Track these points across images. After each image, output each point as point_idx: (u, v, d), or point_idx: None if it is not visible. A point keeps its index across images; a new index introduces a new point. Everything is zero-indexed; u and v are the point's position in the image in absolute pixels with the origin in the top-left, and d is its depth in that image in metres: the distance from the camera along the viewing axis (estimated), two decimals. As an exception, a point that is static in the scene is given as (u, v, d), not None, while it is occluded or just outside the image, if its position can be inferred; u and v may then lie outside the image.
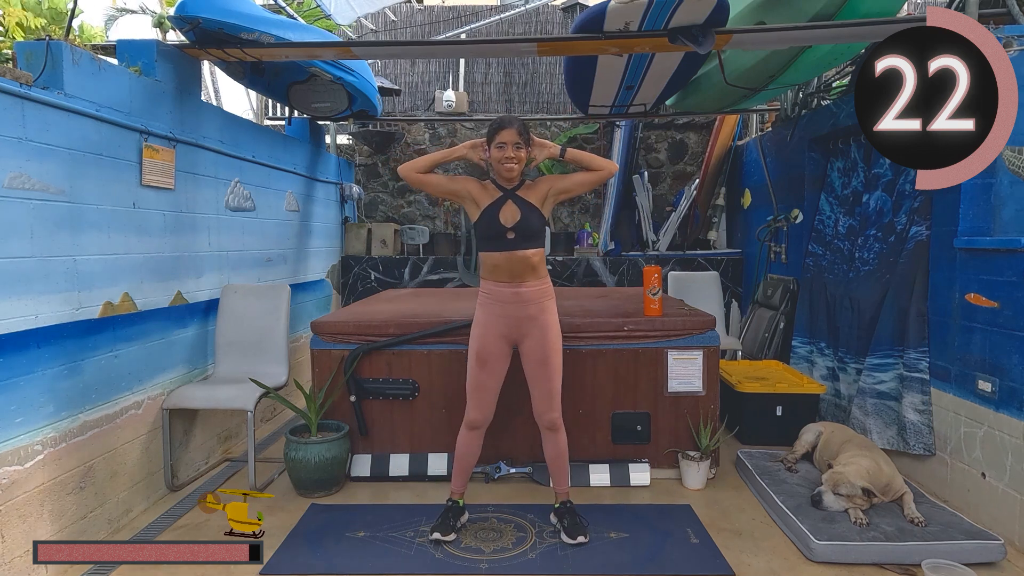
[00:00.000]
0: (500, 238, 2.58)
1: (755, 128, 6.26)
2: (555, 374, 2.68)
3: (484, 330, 2.66)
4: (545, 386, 2.67)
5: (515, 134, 2.57)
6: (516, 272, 2.60)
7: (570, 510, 2.74)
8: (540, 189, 2.67)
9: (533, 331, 2.64)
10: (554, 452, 2.74)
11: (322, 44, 3.69)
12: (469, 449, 2.75)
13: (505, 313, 2.62)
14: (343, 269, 6.09)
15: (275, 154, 4.60)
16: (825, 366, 4.13)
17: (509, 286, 2.61)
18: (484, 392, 2.69)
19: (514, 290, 2.61)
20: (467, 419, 2.72)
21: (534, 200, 2.64)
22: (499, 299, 2.63)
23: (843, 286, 4.01)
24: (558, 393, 2.70)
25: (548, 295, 2.68)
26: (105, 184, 2.80)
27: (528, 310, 2.62)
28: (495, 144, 2.60)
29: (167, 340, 3.26)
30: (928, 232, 3.27)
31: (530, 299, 2.62)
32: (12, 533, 2.27)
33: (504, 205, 2.60)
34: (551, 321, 2.67)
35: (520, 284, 2.61)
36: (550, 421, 2.70)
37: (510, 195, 2.63)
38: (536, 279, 2.63)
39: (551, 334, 2.66)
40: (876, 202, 3.84)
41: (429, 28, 7.36)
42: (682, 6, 2.82)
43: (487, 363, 2.66)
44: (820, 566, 2.47)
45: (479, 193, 2.65)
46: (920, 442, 3.19)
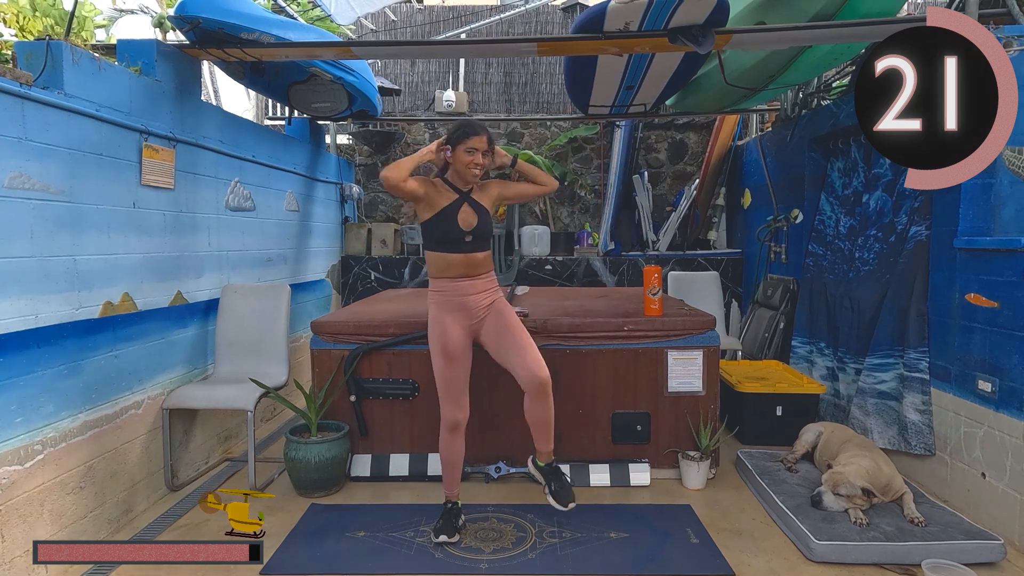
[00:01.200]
0: (458, 241, 2.63)
1: (755, 128, 6.26)
2: (522, 333, 2.67)
3: (444, 327, 2.66)
4: (518, 344, 2.64)
5: (485, 142, 2.62)
6: (469, 271, 2.67)
7: (556, 472, 2.69)
8: (491, 193, 2.75)
9: (489, 315, 2.70)
10: (541, 415, 2.63)
11: (322, 44, 3.69)
12: (454, 452, 2.73)
13: (464, 305, 2.66)
14: (343, 269, 6.09)
15: (275, 154, 4.60)
16: (825, 366, 4.13)
17: (465, 280, 2.67)
18: (456, 388, 2.68)
19: (471, 282, 2.67)
20: (446, 421, 2.69)
21: (487, 203, 2.71)
22: (456, 293, 2.66)
23: (843, 286, 4.01)
24: (535, 348, 2.65)
25: (495, 283, 2.78)
26: (105, 184, 2.80)
27: (484, 299, 2.69)
28: (465, 147, 2.60)
29: (167, 340, 3.26)
30: (928, 232, 3.27)
31: (485, 288, 2.70)
32: (12, 533, 2.27)
33: (461, 208, 2.64)
34: (502, 300, 2.76)
35: (475, 277, 2.68)
36: (544, 379, 2.57)
37: (466, 198, 2.67)
38: (487, 271, 2.73)
39: (505, 307, 2.73)
40: (876, 202, 3.83)
41: (429, 28, 7.36)
42: (682, 6, 2.82)
43: (455, 358, 2.66)
44: (820, 566, 2.47)
45: (434, 194, 2.65)
46: (921, 442, 3.19)
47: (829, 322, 4.14)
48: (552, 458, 2.74)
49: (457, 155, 2.62)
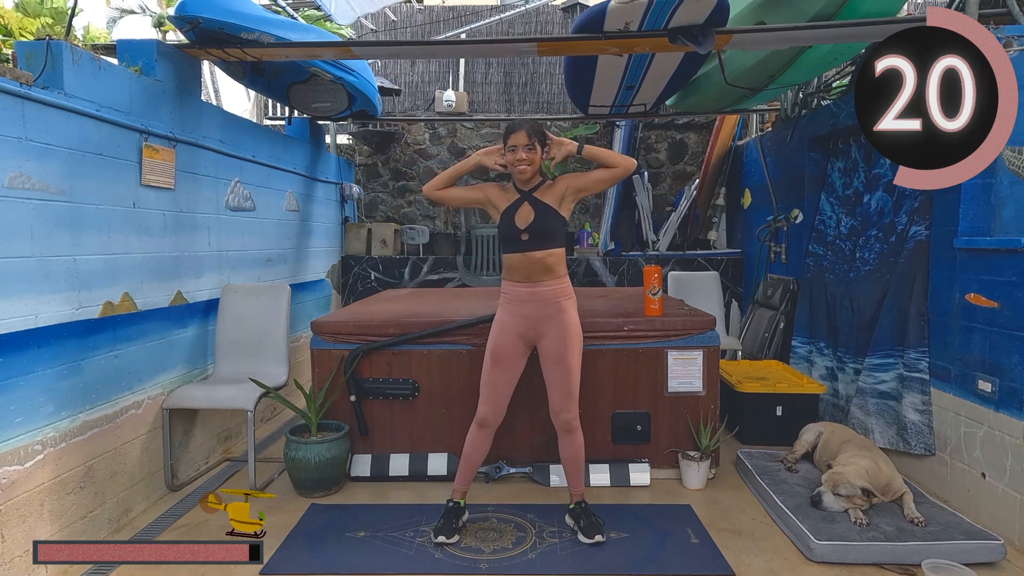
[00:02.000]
0: (515, 239, 2.62)
1: (755, 128, 6.26)
2: (571, 374, 2.66)
3: (501, 328, 2.68)
4: (561, 385, 2.66)
5: (524, 136, 2.59)
6: (531, 273, 2.62)
7: (585, 510, 2.72)
8: (557, 189, 2.67)
9: (551, 330, 2.64)
10: (569, 453, 2.73)
11: (322, 44, 3.69)
12: (477, 448, 2.74)
13: (522, 312, 2.64)
14: (343, 269, 6.09)
15: (275, 154, 4.60)
16: (824, 366, 4.13)
17: (525, 286, 2.64)
18: (495, 390, 2.69)
19: (530, 290, 2.63)
20: (477, 416, 2.72)
21: (550, 200, 2.65)
22: (516, 299, 2.65)
23: (843, 286, 4.01)
24: (575, 393, 2.68)
25: (566, 295, 2.68)
26: (105, 184, 2.80)
27: (545, 309, 2.63)
28: (508, 148, 2.63)
29: (167, 340, 3.26)
30: (927, 232, 3.27)
31: (546, 298, 2.63)
32: (12, 533, 2.27)
33: (520, 207, 2.64)
34: (570, 320, 2.66)
35: (536, 284, 2.63)
36: (566, 421, 2.68)
37: (526, 197, 2.66)
38: (553, 279, 2.64)
39: (570, 333, 2.65)
40: (877, 202, 3.83)
41: (429, 28, 7.36)
42: (682, 6, 2.82)
43: (501, 361, 2.67)
44: (820, 566, 2.47)
45: (499, 197, 2.69)
46: (921, 442, 3.19)
47: (829, 322, 4.14)
48: (581, 498, 2.76)
49: (507, 157, 2.65)
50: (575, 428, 2.69)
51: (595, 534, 2.62)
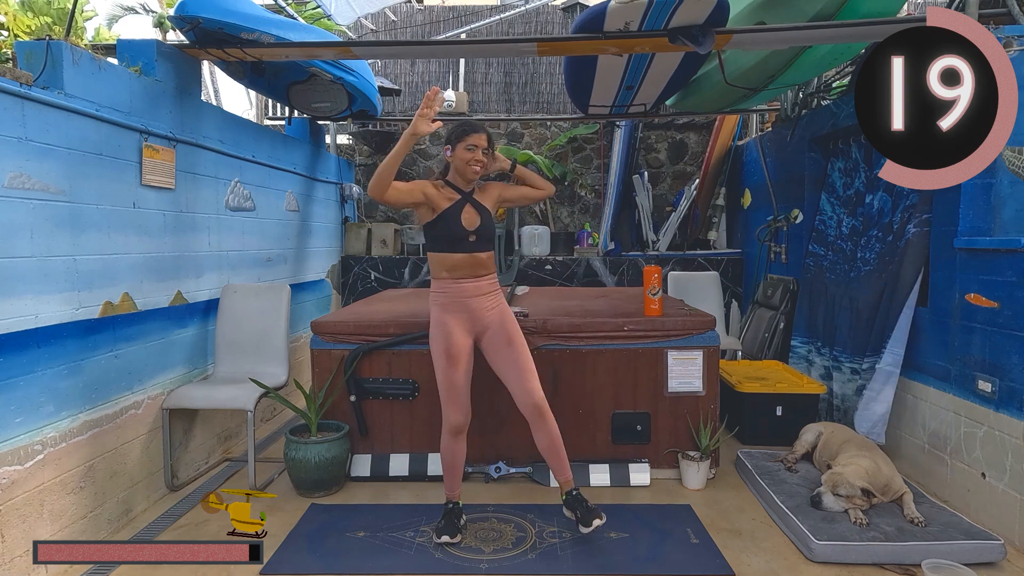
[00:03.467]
0: (462, 241, 2.63)
1: (755, 128, 6.26)
2: (524, 352, 2.69)
3: (447, 328, 2.66)
4: (519, 366, 2.66)
5: (486, 140, 2.65)
6: (475, 270, 2.67)
7: (578, 499, 2.67)
8: (492, 194, 2.76)
9: (492, 319, 2.70)
10: (547, 441, 2.66)
11: (322, 44, 3.69)
12: (455, 454, 2.74)
13: (467, 307, 2.67)
14: (343, 269, 6.09)
15: (275, 154, 4.60)
16: (823, 365, 4.14)
17: (470, 281, 2.67)
18: (458, 392, 2.67)
19: (473, 284, 2.67)
20: (448, 425, 2.69)
21: (488, 204, 2.72)
22: (460, 295, 2.66)
23: (843, 286, 4.01)
24: (533, 370, 2.68)
25: (498, 287, 2.78)
26: (105, 184, 2.80)
27: (487, 301, 2.69)
28: (465, 145, 2.62)
29: (167, 340, 3.26)
30: (919, 230, 3.31)
31: (488, 290, 2.70)
32: (12, 533, 2.27)
33: (464, 208, 2.65)
34: (506, 307, 2.76)
35: (480, 278, 2.68)
36: (535, 404, 2.62)
37: (468, 198, 2.68)
38: (490, 273, 2.73)
39: (508, 318, 2.73)
40: (878, 202, 3.84)
41: (429, 28, 7.36)
42: (682, 6, 2.82)
43: (458, 360, 2.66)
44: (820, 566, 2.47)
45: (435, 196, 2.64)
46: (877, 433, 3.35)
47: (828, 322, 4.14)
48: (571, 486, 2.71)
49: (457, 153, 2.63)
50: (545, 409, 2.63)
51: (592, 519, 2.57)
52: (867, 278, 3.78)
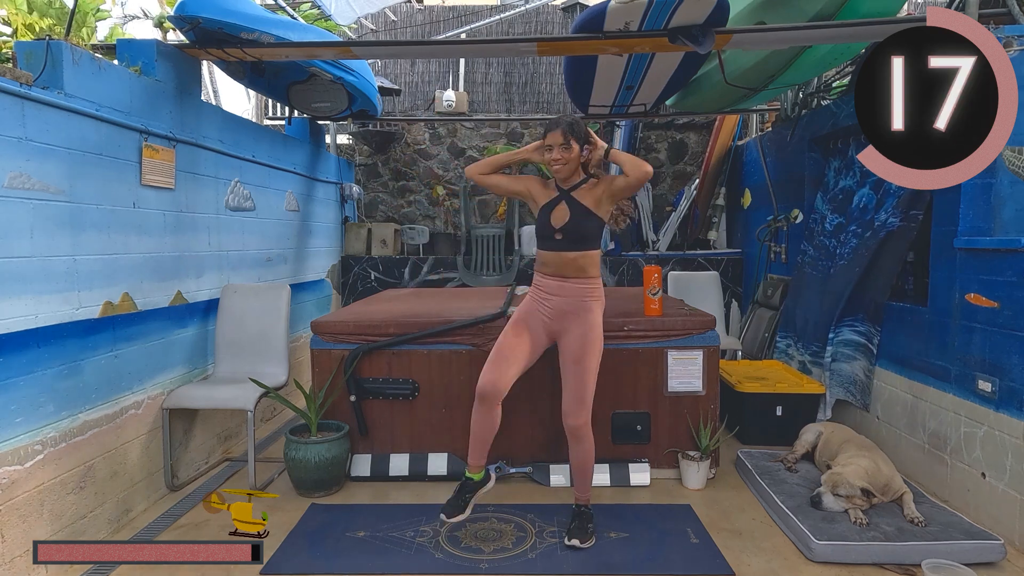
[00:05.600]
0: (549, 237, 2.63)
1: (755, 128, 6.26)
2: (587, 375, 2.60)
3: (529, 313, 2.68)
4: (575, 386, 2.60)
5: (559, 135, 2.58)
6: (562, 270, 2.63)
7: (582, 515, 2.70)
8: (597, 191, 2.63)
9: (574, 327, 2.62)
10: (577, 460, 2.69)
11: (322, 44, 3.69)
12: (484, 425, 2.61)
13: (551, 304, 2.65)
14: (343, 269, 6.09)
15: (275, 154, 4.60)
16: (799, 360, 4.25)
17: (555, 279, 2.64)
18: (505, 359, 2.59)
19: (559, 283, 2.63)
20: (479, 387, 2.58)
21: (589, 202, 2.61)
22: (546, 289, 2.66)
23: (820, 282, 4.12)
24: (587, 398, 2.61)
25: (595, 296, 2.66)
26: (105, 184, 2.80)
27: (572, 305, 2.62)
28: (543, 147, 2.64)
29: (167, 340, 3.26)
30: (901, 223, 3.43)
31: (575, 294, 2.62)
32: (12, 533, 2.27)
33: (557, 206, 2.63)
34: (595, 322, 2.63)
35: (566, 279, 2.63)
36: (575, 427, 2.61)
37: (564, 196, 2.65)
38: (584, 277, 2.63)
39: (593, 335, 2.61)
40: (863, 199, 3.91)
41: (429, 28, 7.36)
42: (682, 6, 2.82)
43: (524, 331, 2.64)
44: (820, 566, 2.47)
45: (539, 192, 2.72)
46: (862, 400, 3.69)
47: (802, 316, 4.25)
48: (584, 503, 2.73)
49: (544, 156, 2.65)
50: (583, 436, 2.63)
51: (574, 538, 2.59)
52: (841, 271, 3.87)
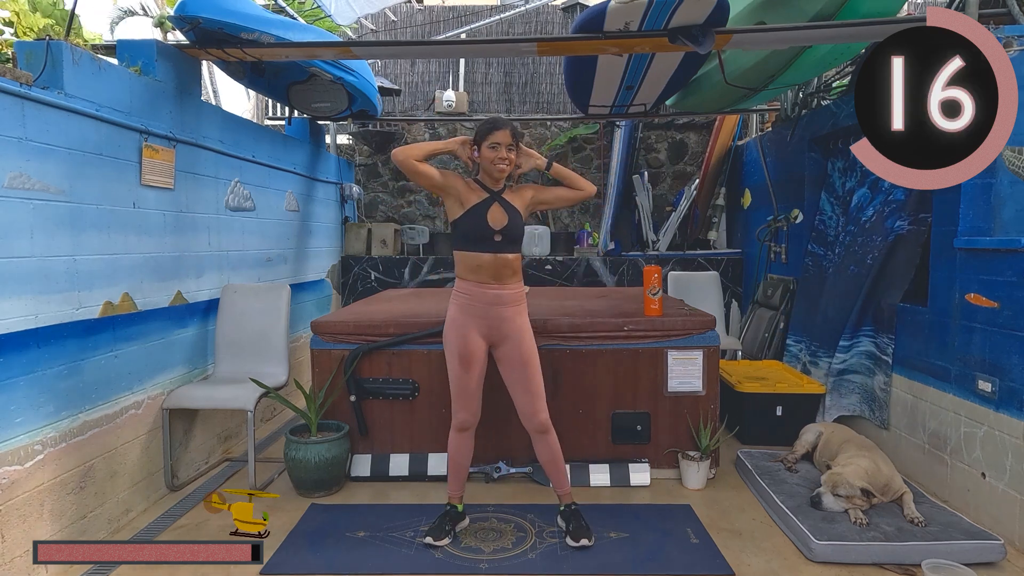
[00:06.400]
0: (486, 240, 2.56)
1: (755, 128, 6.26)
2: (536, 374, 2.66)
3: (464, 331, 2.61)
4: (529, 388, 2.65)
5: (508, 136, 2.56)
6: (500, 274, 2.59)
7: (575, 513, 2.71)
8: (525, 195, 2.68)
9: (511, 333, 2.63)
10: (548, 455, 2.70)
11: (322, 44, 3.69)
12: (462, 451, 2.73)
13: (486, 314, 2.60)
14: (343, 269, 6.09)
15: (275, 154, 4.60)
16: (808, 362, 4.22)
17: (491, 287, 2.59)
18: (469, 393, 2.66)
19: (496, 292, 2.59)
20: (456, 422, 2.70)
21: (519, 205, 2.64)
22: (479, 300, 2.59)
23: (834, 284, 4.09)
24: (542, 393, 2.67)
25: (523, 299, 2.70)
26: (105, 184, 2.80)
27: (507, 312, 2.61)
28: (488, 144, 2.57)
29: (167, 340, 3.26)
30: (914, 228, 3.39)
31: (509, 301, 2.62)
32: (12, 533, 2.27)
33: (491, 207, 2.59)
34: (526, 324, 2.68)
35: (502, 286, 2.60)
36: (540, 423, 2.65)
37: (496, 197, 2.62)
38: (516, 281, 2.65)
39: (527, 336, 2.66)
40: (867, 200, 3.90)
41: (429, 28, 7.36)
42: (682, 6, 2.82)
43: (472, 364, 2.63)
44: (820, 566, 2.47)
45: (465, 191, 2.60)
46: (879, 416, 3.54)
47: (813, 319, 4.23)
48: (570, 500, 2.74)
49: (483, 153, 2.59)
50: (549, 428, 2.67)
51: (582, 538, 2.60)
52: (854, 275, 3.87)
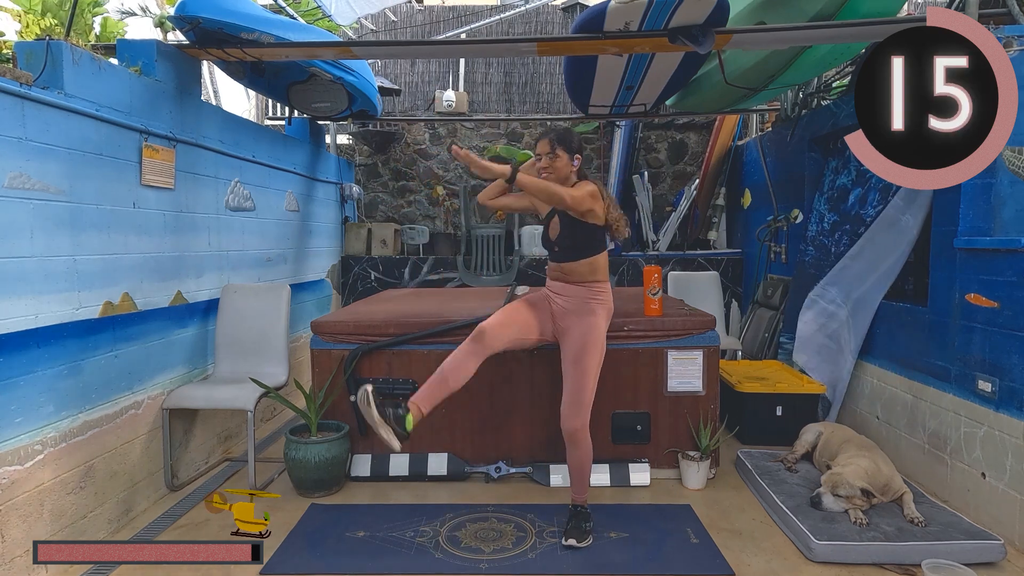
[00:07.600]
0: (550, 250, 2.75)
1: (755, 128, 6.26)
2: (585, 379, 2.58)
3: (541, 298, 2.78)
4: (573, 389, 2.59)
5: (547, 144, 2.60)
6: (566, 276, 2.72)
7: (579, 514, 2.71)
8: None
9: (575, 328, 2.64)
10: (573, 464, 2.69)
11: (322, 44, 3.69)
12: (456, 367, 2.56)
13: (557, 303, 2.71)
14: (343, 269, 6.09)
15: (275, 154, 4.60)
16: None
17: (559, 282, 2.72)
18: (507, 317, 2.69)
19: (563, 285, 2.71)
20: (479, 326, 2.66)
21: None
22: (552, 289, 2.75)
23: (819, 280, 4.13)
24: (584, 402, 2.59)
25: (598, 298, 2.67)
26: (105, 184, 2.80)
27: (575, 304, 2.66)
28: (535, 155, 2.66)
29: (167, 340, 3.26)
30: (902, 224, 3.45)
31: (578, 295, 2.67)
32: (12, 533, 2.27)
33: (552, 218, 2.69)
34: (596, 324, 2.64)
35: (568, 282, 2.70)
36: (571, 430, 2.59)
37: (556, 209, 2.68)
38: (587, 281, 2.68)
39: (592, 336, 2.62)
40: (860, 198, 3.91)
41: (429, 28, 7.35)
42: (682, 6, 2.82)
43: (532, 308, 2.74)
44: (820, 566, 2.47)
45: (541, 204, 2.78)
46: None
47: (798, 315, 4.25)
48: (581, 504, 2.74)
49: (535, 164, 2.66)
50: (579, 441, 2.61)
51: (571, 538, 2.60)
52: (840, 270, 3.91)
